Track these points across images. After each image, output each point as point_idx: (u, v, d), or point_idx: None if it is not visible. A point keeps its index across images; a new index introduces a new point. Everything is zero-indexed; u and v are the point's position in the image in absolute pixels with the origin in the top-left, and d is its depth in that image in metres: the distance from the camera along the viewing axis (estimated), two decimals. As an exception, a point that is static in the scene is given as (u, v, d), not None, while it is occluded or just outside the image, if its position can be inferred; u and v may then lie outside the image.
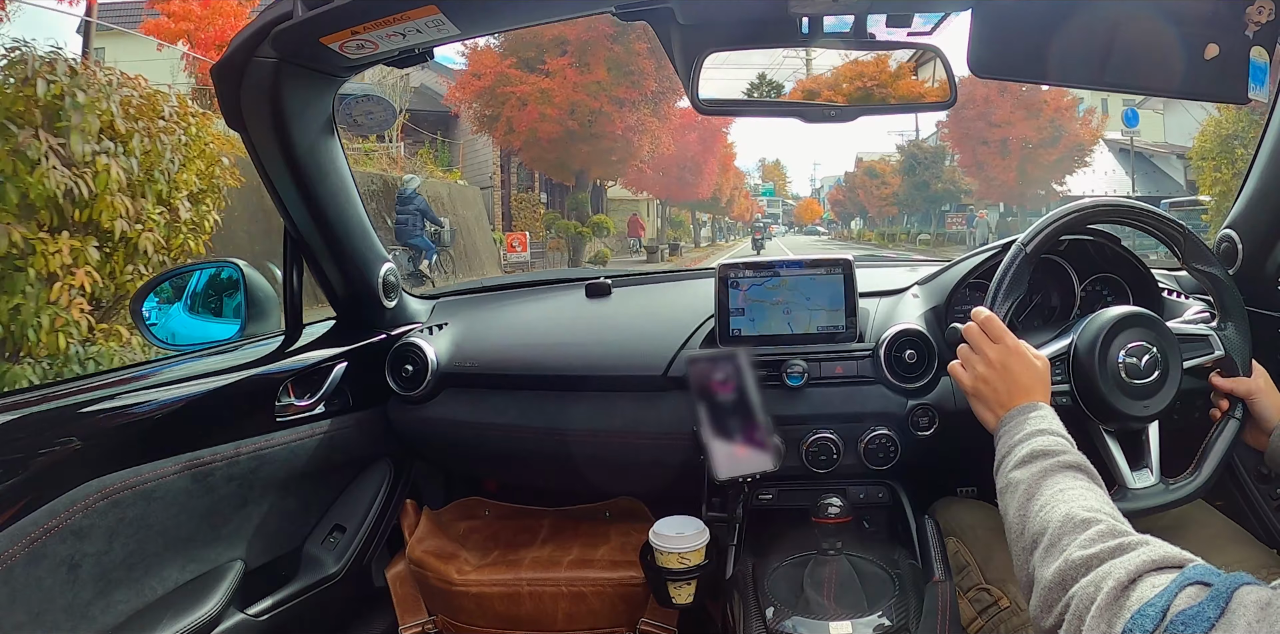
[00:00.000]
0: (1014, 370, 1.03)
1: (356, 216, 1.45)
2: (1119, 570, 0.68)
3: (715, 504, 1.42)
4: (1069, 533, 0.77)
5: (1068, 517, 0.79)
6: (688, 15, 1.11)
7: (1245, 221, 1.37)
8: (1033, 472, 0.89)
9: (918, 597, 1.19)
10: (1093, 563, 0.72)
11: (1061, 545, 0.77)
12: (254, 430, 1.32)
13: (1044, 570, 0.76)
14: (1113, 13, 1.07)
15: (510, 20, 1.18)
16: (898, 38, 1.17)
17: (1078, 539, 0.76)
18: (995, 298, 1.14)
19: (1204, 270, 1.18)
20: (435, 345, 1.56)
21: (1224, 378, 1.17)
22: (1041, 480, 0.87)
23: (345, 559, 1.48)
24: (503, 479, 1.86)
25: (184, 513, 1.21)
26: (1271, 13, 1.04)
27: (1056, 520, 0.80)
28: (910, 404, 1.36)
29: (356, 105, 1.47)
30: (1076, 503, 0.81)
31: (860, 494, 1.41)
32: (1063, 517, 0.80)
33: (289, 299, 1.51)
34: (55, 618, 1.03)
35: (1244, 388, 1.14)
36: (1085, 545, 0.74)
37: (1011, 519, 0.87)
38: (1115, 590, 0.67)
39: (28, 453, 1.02)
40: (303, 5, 1.05)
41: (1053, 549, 0.77)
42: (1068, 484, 0.86)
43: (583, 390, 1.49)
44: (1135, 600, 0.64)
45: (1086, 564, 0.72)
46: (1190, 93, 1.11)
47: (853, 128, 8.96)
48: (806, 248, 37.52)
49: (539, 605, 1.56)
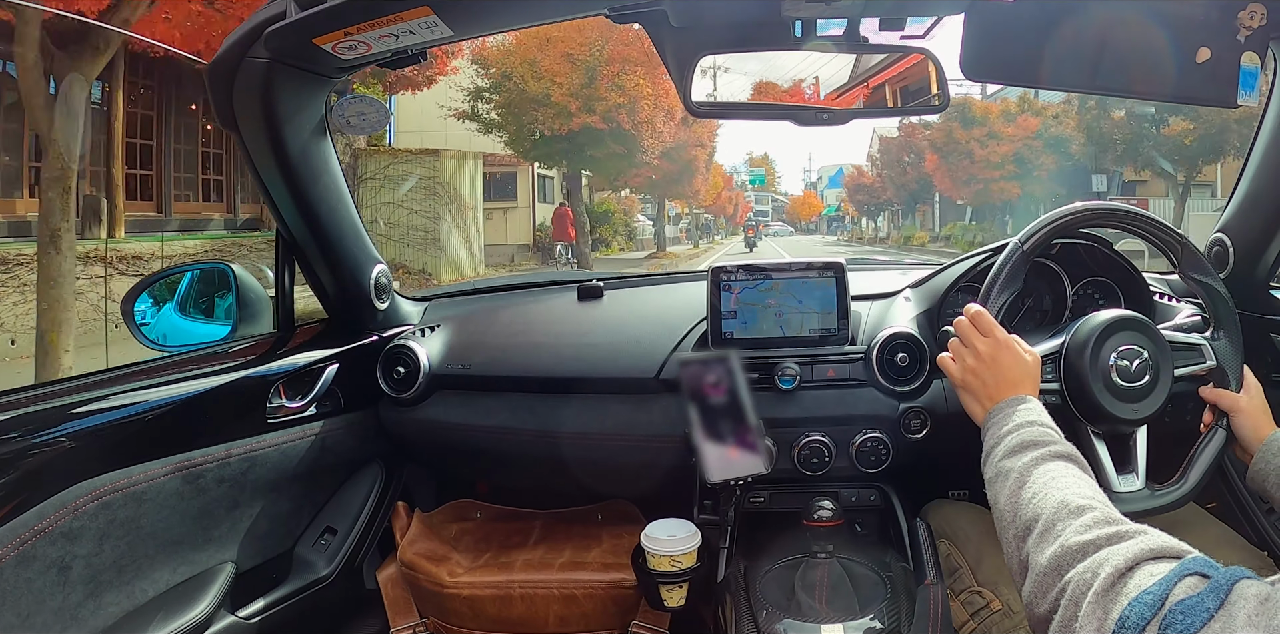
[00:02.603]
0: (1003, 363, 1.03)
1: (349, 218, 1.44)
2: (1116, 557, 0.67)
3: (707, 507, 1.42)
4: (1064, 519, 0.76)
5: (1062, 503, 0.78)
6: (681, 18, 1.11)
7: (1237, 225, 1.38)
8: (1024, 461, 0.89)
9: (909, 599, 1.19)
10: (1089, 549, 0.71)
11: (1056, 531, 0.75)
12: (245, 432, 1.32)
13: (1039, 556, 0.75)
14: (1105, 17, 1.07)
15: (503, 22, 1.18)
16: (890, 41, 1.17)
17: (1073, 524, 0.75)
18: (990, 293, 1.14)
19: (1199, 280, 1.18)
20: (427, 347, 1.56)
21: (1212, 389, 1.16)
22: (1033, 469, 0.87)
23: (336, 561, 1.47)
24: (494, 481, 1.86)
25: (175, 515, 1.20)
26: (1263, 18, 1.05)
27: (1051, 507, 0.79)
28: (902, 407, 1.36)
29: (349, 106, 1.47)
30: (1070, 490, 0.81)
31: (852, 497, 1.41)
32: (1057, 503, 0.79)
33: (281, 300, 1.51)
34: (45, 620, 1.02)
35: (1227, 403, 1.13)
36: (1081, 531, 0.73)
37: (1002, 507, 0.86)
38: (1112, 577, 0.66)
39: (18, 454, 1.01)
40: (295, 6, 1.05)
41: (1047, 535, 0.76)
42: (1060, 472, 0.85)
43: (575, 393, 1.49)
44: (1133, 588, 0.64)
45: (1083, 550, 0.71)
46: (1180, 97, 1.12)
47: (842, 129, 8.67)
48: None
49: (530, 608, 1.55)
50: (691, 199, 27.41)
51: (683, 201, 31.86)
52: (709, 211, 42.39)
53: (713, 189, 31.71)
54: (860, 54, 1.22)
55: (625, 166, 17.00)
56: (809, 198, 77.57)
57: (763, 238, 39.75)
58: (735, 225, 52.63)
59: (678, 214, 39.13)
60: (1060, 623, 0.69)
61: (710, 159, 23.20)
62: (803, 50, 1.17)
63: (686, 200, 29.29)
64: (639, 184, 20.51)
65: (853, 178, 43.54)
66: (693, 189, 22.58)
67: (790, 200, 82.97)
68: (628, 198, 28.30)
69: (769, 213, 78.70)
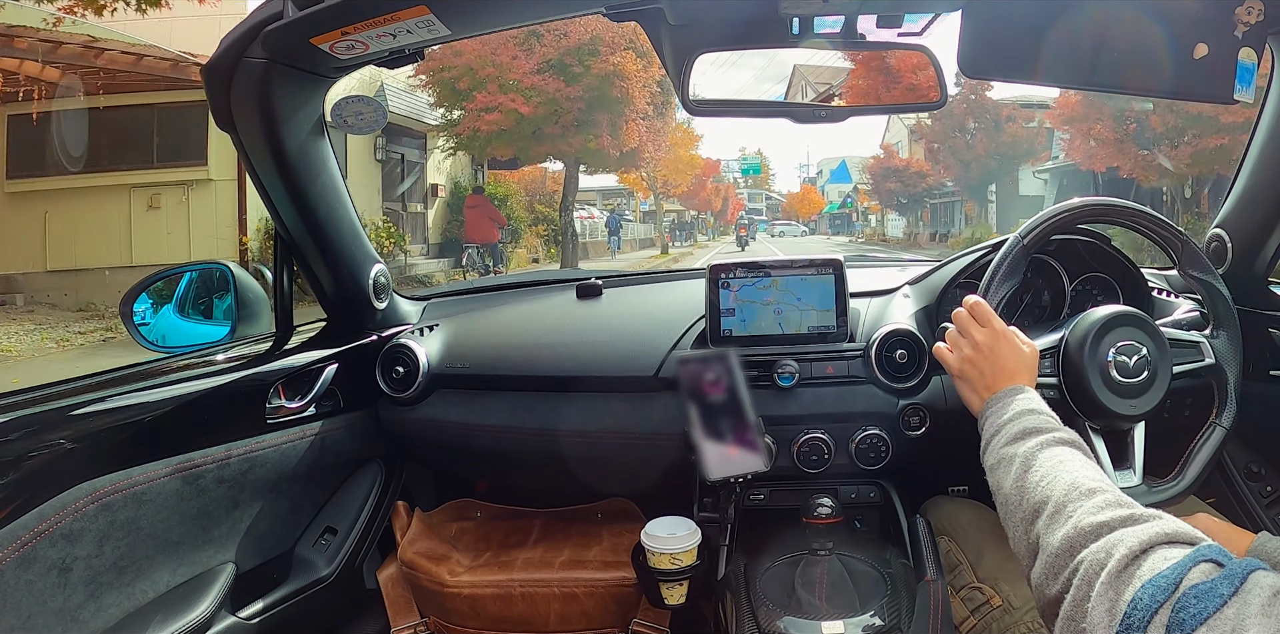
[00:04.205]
0: (1000, 353, 1.03)
1: (347, 218, 1.44)
2: (1131, 539, 0.67)
3: (707, 504, 1.42)
4: (1076, 500, 0.76)
5: (1073, 485, 0.78)
6: (678, 16, 1.11)
7: (1235, 221, 1.38)
8: (1027, 446, 0.88)
9: (909, 596, 1.19)
10: (1103, 530, 0.70)
11: (1068, 511, 0.75)
12: (245, 432, 1.32)
13: (1050, 537, 0.74)
14: (1103, 13, 1.07)
15: (501, 21, 1.18)
16: (888, 38, 1.17)
17: (1086, 505, 0.74)
18: (989, 286, 1.14)
19: (1198, 277, 1.18)
20: (426, 347, 1.56)
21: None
22: (1038, 453, 0.87)
23: (337, 561, 1.47)
24: (494, 480, 1.86)
25: (175, 516, 1.20)
26: (1260, 14, 1.05)
27: (1061, 489, 0.78)
28: (901, 404, 1.36)
29: (347, 106, 1.47)
30: (1079, 473, 0.80)
31: (851, 494, 1.41)
32: (1068, 485, 0.78)
33: (279, 300, 1.51)
34: (46, 621, 1.02)
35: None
36: (1094, 512, 0.73)
37: (1008, 492, 0.86)
38: (1126, 558, 0.65)
39: (18, 456, 1.01)
40: (293, 5, 1.05)
41: (1058, 515, 0.76)
42: (1066, 456, 0.85)
43: (574, 391, 1.49)
44: (1147, 571, 0.63)
45: (1096, 531, 0.70)
46: (1178, 93, 1.12)
47: (837, 127, 8.15)
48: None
49: (531, 606, 1.55)
50: (630, 167, 17.49)
51: (638, 182, 25.58)
52: (684, 203, 36.87)
53: (679, 164, 25.32)
54: (858, 51, 1.23)
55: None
56: (808, 193, 66.40)
57: (754, 239, 34.44)
58: (726, 224, 44.73)
59: (651, 210, 34.17)
60: (1072, 603, 0.68)
61: (657, 98, 14.94)
62: (800, 48, 1.17)
63: (644, 181, 22.89)
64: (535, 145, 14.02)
65: (879, 162, 31.33)
66: (618, 140, 14.34)
67: (788, 197, 72.64)
68: (552, 178, 19.90)
69: (763, 211, 69.58)
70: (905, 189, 29.77)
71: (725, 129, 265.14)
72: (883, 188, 30.98)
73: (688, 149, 27.27)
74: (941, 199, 29.47)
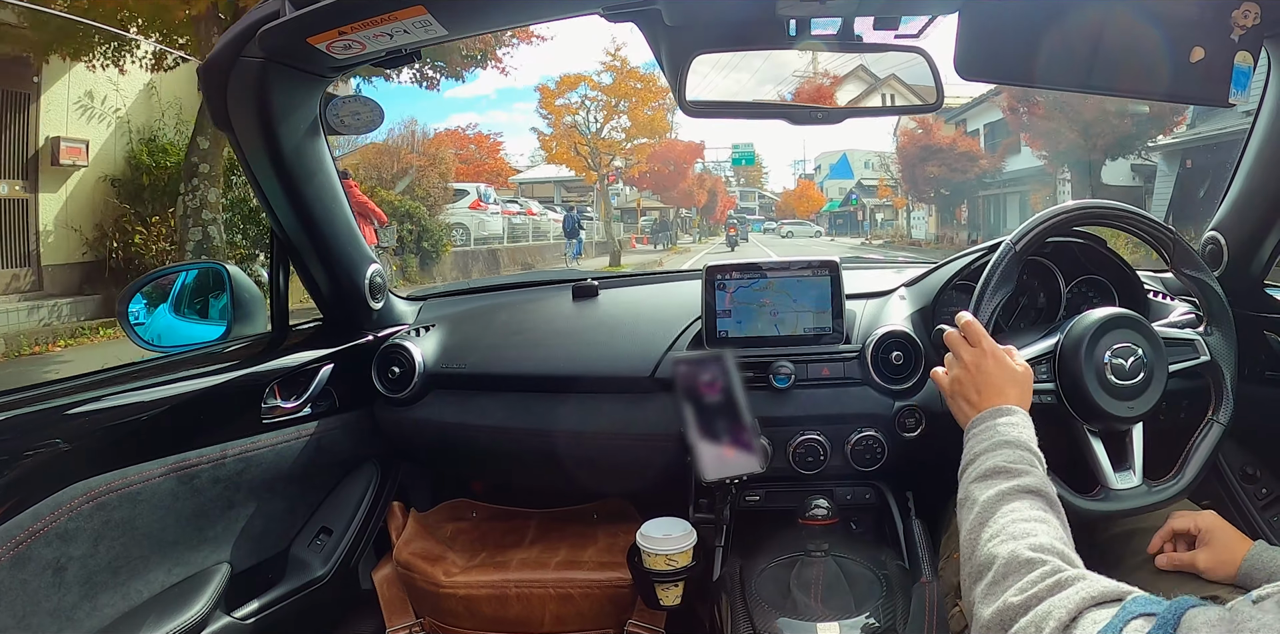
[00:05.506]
0: (987, 371, 1.03)
1: (343, 218, 1.44)
2: (1059, 610, 0.68)
3: (702, 505, 1.42)
4: (1014, 572, 0.76)
5: (1013, 555, 0.78)
6: (675, 17, 1.11)
7: (1230, 223, 1.38)
8: (990, 494, 0.88)
9: (905, 598, 1.19)
10: (1031, 603, 0.71)
11: (1005, 585, 0.76)
12: (240, 432, 1.32)
13: (983, 609, 0.76)
14: (1099, 16, 1.07)
15: (497, 21, 1.18)
16: (885, 40, 1.17)
17: (1019, 582, 0.75)
18: (983, 294, 1.14)
19: (1192, 276, 1.19)
20: (422, 347, 1.55)
21: (1180, 515, 1.11)
22: (997, 505, 0.86)
23: (332, 562, 1.47)
24: (490, 481, 1.86)
25: (170, 515, 1.20)
26: (1257, 17, 1.05)
27: (1002, 558, 0.78)
28: (897, 405, 1.36)
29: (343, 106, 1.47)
30: (1024, 541, 0.80)
31: (847, 495, 1.41)
32: (1008, 555, 0.78)
33: (275, 300, 1.51)
34: (40, 621, 1.02)
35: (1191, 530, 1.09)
36: (1023, 590, 0.73)
37: (964, 537, 0.86)
38: (1057, 631, 0.66)
39: (12, 455, 1.01)
40: (290, 5, 1.05)
41: (994, 588, 0.76)
42: (1022, 514, 0.84)
43: (570, 392, 1.49)
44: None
45: (1025, 606, 0.71)
46: (1174, 96, 1.12)
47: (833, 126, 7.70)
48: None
49: (526, 607, 1.55)
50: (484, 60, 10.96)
51: (567, 154, 18.98)
52: (660, 194, 30.01)
53: (637, 124, 19.44)
54: (855, 53, 1.22)
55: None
56: (806, 190, 56.73)
57: (745, 239, 30.86)
58: (715, 224, 39.84)
59: (631, 207, 29.63)
60: None
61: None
62: (796, 49, 1.17)
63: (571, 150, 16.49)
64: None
65: (913, 139, 23.42)
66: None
67: (784, 194, 63.42)
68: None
69: (756, 209, 62.68)
70: (950, 174, 22.54)
71: (717, 129, 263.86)
72: (918, 173, 23.53)
73: (647, 105, 20.93)
74: (994, 190, 22.92)
